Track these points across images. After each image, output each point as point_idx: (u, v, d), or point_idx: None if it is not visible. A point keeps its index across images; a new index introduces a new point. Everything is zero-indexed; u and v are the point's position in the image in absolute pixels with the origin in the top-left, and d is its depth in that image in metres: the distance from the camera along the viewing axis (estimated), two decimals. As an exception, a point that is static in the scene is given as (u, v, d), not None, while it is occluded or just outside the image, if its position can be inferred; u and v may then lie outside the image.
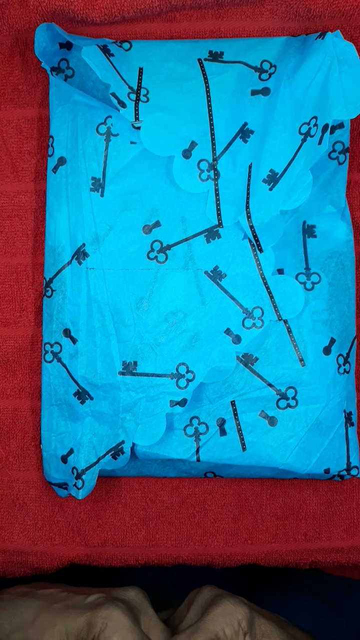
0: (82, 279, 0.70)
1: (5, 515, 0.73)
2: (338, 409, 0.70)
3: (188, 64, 0.69)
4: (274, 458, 0.70)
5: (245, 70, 0.69)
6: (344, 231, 0.71)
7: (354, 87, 0.66)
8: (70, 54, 0.71)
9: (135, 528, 0.73)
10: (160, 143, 0.68)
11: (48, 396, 0.71)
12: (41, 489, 0.73)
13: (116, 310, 0.69)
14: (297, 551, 0.73)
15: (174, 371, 0.69)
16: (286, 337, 0.69)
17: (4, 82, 0.72)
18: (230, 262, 0.69)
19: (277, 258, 0.69)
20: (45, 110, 0.72)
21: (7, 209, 0.73)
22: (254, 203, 0.67)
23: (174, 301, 0.69)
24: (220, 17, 0.71)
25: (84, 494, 0.69)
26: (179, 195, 0.69)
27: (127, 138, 0.70)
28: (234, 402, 0.70)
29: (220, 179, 0.68)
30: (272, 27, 0.71)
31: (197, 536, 0.73)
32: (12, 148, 0.73)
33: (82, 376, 0.70)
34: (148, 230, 0.70)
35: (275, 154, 0.67)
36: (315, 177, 0.69)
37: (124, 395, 0.69)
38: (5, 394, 0.73)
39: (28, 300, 0.73)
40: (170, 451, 0.70)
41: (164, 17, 0.71)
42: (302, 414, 0.70)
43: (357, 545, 0.73)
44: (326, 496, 0.73)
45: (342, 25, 0.71)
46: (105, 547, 0.73)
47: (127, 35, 0.72)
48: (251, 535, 0.73)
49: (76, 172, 0.70)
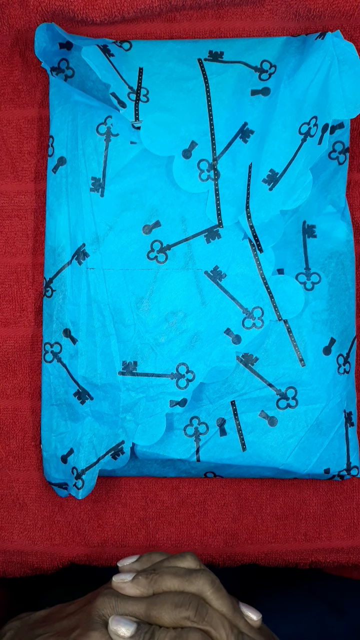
0: (82, 279, 0.70)
1: (5, 515, 0.73)
2: (338, 409, 0.70)
3: (188, 64, 0.69)
4: (274, 458, 0.70)
5: (245, 70, 0.69)
6: (344, 231, 0.71)
7: (354, 87, 0.66)
8: (70, 54, 0.71)
9: (135, 528, 0.73)
10: (160, 143, 0.68)
11: (48, 396, 0.71)
12: (41, 489, 0.73)
13: (116, 310, 0.69)
14: (297, 551, 0.73)
15: (174, 371, 0.69)
16: (286, 337, 0.69)
17: (4, 82, 0.72)
18: (230, 262, 0.69)
19: (277, 258, 0.69)
20: (45, 110, 0.72)
21: (7, 209, 0.73)
22: (254, 203, 0.67)
23: (174, 301, 0.69)
24: (220, 17, 0.71)
25: (84, 494, 0.69)
26: (179, 195, 0.69)
27: (127, 138, 0.70)
28: (234, 402, 0.70)
29: (220, 179, 0.68)
30: (272, 27, 0.71)
31: (197, 536, 0.73)
32: (12, 148, 0.73)
33: (82, 376, 0.70)
34: (148, 230, 0.70)
35: (275, 154, 0.67)
36: (315, 177, 0.69)
37: (124, 395, 0.69)
38: (5, 394, 0.73)
39: (28, 300, 0.73)
40: (170, 451, 0.70)
41: (164, 17, 0.71)
42: (302, 414, 0.70)
43: (357, 545, 0.73)
44: (326, 496, 0.73)
45: (342, 25, 0.71)
46: (105, 547, 0.73)
47: (127, 35, 0.72)
48: (251, 535, 0.73)
49: (76, 172, 0.70)
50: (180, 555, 0.62)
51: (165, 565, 0.61)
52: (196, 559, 0.61)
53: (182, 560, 0.61)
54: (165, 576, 0.60)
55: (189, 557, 0.61)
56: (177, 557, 0.62)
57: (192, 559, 0.61)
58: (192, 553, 0.62)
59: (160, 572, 0.60)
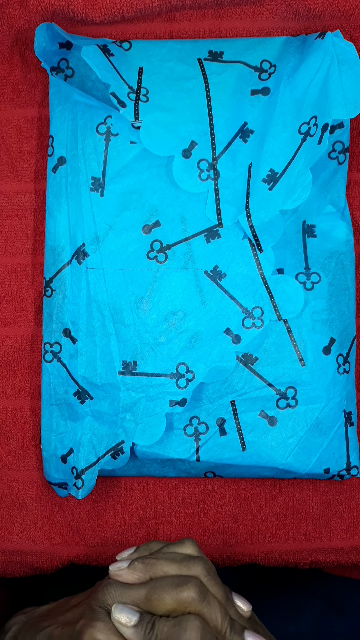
0: (82, 279, 0.70)
1: (5, 515, 0.73)
2: (338, 409, 0.70)
3: (188, 64, 0.69)
4: (274, 458, 0.70)
5: (245, 70, 0.69)
6: (344, 231, 0.71)
7: (354, 87, 0.66)
8: (70, 54, 0.71)
9: (135, 528, 0.73)
10: (160, 143, 0.68)
11: (48, 396, 0.71)
12: (41, 489, 0.73)
13: (116, 310, 0.69)
14: (297, 551, 0.73)
15: (174, 371, 0.69)
16: (286, 337, 0.69)
17: (4, 82, 0.72)
18: (230, 262, 0.69)
19: (277, 258, 0.69)
20: (45, 110, 0.72)
21: (7, 209, 0.73)
22: (254, 203, 0.67)
23: (174, 301, 0.69)
24: (220, 17, 0.71)
25: (84, 494, 0.69)
26: (179, 195, 0.69)
27: (127, 138, 0.70)
28: (234, 402, 0.70)
29: (220, 179, 0.68)
30: (272, 27, 0.71)
31: (197, 536, 0.73)
32: (12, 148, 0.73)
33: (82, 376, 0.70)
34: (148, 230, 0.70)
35: (275, 154, 0.67)
36: (315, 177, 0.69)
37: (124, 395, 0.69)
38: (5, 394, 0.73)
39: (28, 300, 0.73)
40: (170, 451, 0.70)
41: (164, 17, 0.71)
42: (302, 414, 0.70)
43: (357, 545, 0.73)
44: (326, 496, 0.73)
45: (342, 25, 0.71)
46: (105, 547, 0.73)
47: (127, 35, 0.72)
48: (251, 535, 0.73)
49: (76, 172, 0.70)
50: (180, 542, 0.62)
51: (163, 551, 0.61)
52: (195, 546, 0.61)
53: (181, 546, 0.61)
54: (162, 561, 0.60)
55: (188, 543, 0.61)
56: (176, 544, 0.62)
57: (191, 544, 0.61)
58: (193, 540, 0.62)
59: (158, 557, 0.60)
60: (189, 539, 0.62)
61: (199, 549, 0.62)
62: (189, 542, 0.61)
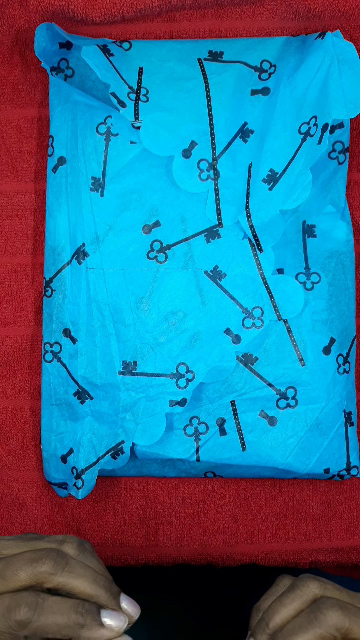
0: (82, 279, 0.70)
1: (5, 515, 0.73)
2: (338, 409, 0.70)
3: (188, 64, 0.69)
4: (274, 458, 0.70)
5: (245, 70, 0.69)
6: (344, 231, 0.71)
7: (354, 87, 0.66)
8: (70, 54, 0.71)
9: (135, 528, 0.73)
10: (160, 143, 0.68)
11: (48, 396, 0.71)
12: (41, 489, 0.73)
13: (116, 310, 0.69)
14: (297, 551, 0.73)
15: (174, 371, 0.69)
16: (286, 337, 0.69)
17: (4, 82, 0.72)
18: (230, 262, 0.69)
19: (277, 258, 0.69)
20: (45, 110, 0.72)
21: (7, 209, 0.73)
22: (254, 203, 0.67)
23: (174, 301, 0.69)
24: (220, 17, 0.71)
25: (84, 494, 0.69)
26: (179, 195, 0.69)
27: (127, 138, 0.70)
28: (234, 402, 0.70)
29: (220, 179, 0.68)
30: (272, 27, 0.71)
31: (197, 536, 0.73)
32: (12, 148, 0.73)
33: (82, 376, 0.70)
34: (148, 230, 0.70)
35: (275, 154, 0.67)
36: (315, 177, 0.69)
37: (124, 395, 0.69)
38: (5, 394, 0.73)
39: (28, 300, 0.73)
40: (170, 451, 0.70)
41: (164, 17, 0.71)
42: (302, 414, 0.70)
43: (357, 545, 0.73)
44: (326, 496, 0.73)
45: (342, 25, 0.71)
46: (105, 547, 0.73)
47: (127, 35, 0.72)
48: (251, 536, 0.73)
49: (76, 172, 0.70)
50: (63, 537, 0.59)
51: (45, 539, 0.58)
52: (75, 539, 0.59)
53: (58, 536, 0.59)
54: (35, 541, 0.57)
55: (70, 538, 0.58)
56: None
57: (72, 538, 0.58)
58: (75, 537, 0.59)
59: (35, 538, 0.58)
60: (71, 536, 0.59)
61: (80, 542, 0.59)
62: (70, 538, 0.59)
